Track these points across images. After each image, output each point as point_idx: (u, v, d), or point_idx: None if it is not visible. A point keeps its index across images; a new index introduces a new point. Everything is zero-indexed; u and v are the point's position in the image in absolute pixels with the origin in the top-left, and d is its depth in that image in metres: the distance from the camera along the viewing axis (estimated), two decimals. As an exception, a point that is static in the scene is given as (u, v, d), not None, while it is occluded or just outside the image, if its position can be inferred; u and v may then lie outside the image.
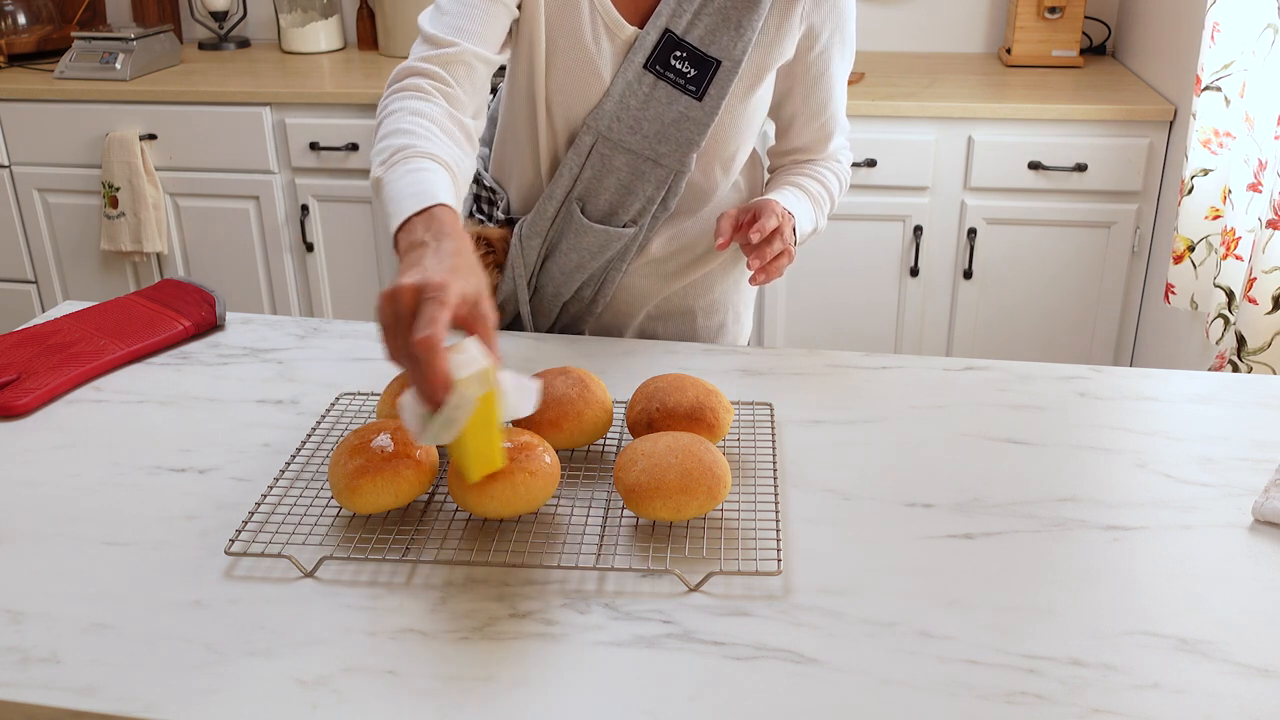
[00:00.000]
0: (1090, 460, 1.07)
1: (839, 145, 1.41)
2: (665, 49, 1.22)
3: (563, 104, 1.26)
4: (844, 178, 1.42)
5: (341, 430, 1.11)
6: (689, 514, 0.92)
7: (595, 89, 1.25)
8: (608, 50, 1.23)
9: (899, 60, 2.83)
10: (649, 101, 1.24)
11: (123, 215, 2.71)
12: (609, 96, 1.24)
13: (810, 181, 1.37)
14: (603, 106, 1.25)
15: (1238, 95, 1.95)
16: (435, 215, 0.96)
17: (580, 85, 1.25)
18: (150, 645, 0.82)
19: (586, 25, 1.22)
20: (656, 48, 1.23)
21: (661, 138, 1.25)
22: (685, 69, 1.23)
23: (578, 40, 1.22)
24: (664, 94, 1.24)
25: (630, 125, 1.25)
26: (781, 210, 1.25)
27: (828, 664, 0.80)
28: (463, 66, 1.15)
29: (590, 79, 1.24)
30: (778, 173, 1.42)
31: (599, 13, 1.22)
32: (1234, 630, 0.83)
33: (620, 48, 1.24)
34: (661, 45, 1.22)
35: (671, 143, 1.26)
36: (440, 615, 0.85)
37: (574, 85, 1.25)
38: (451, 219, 0.96)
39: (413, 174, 1.02)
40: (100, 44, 2.74)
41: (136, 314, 1.35)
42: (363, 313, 2.80)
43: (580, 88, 1.25)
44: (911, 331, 2.64)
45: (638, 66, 1.23)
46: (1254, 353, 1.79)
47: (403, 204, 0.98)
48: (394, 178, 1.02)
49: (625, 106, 1.24)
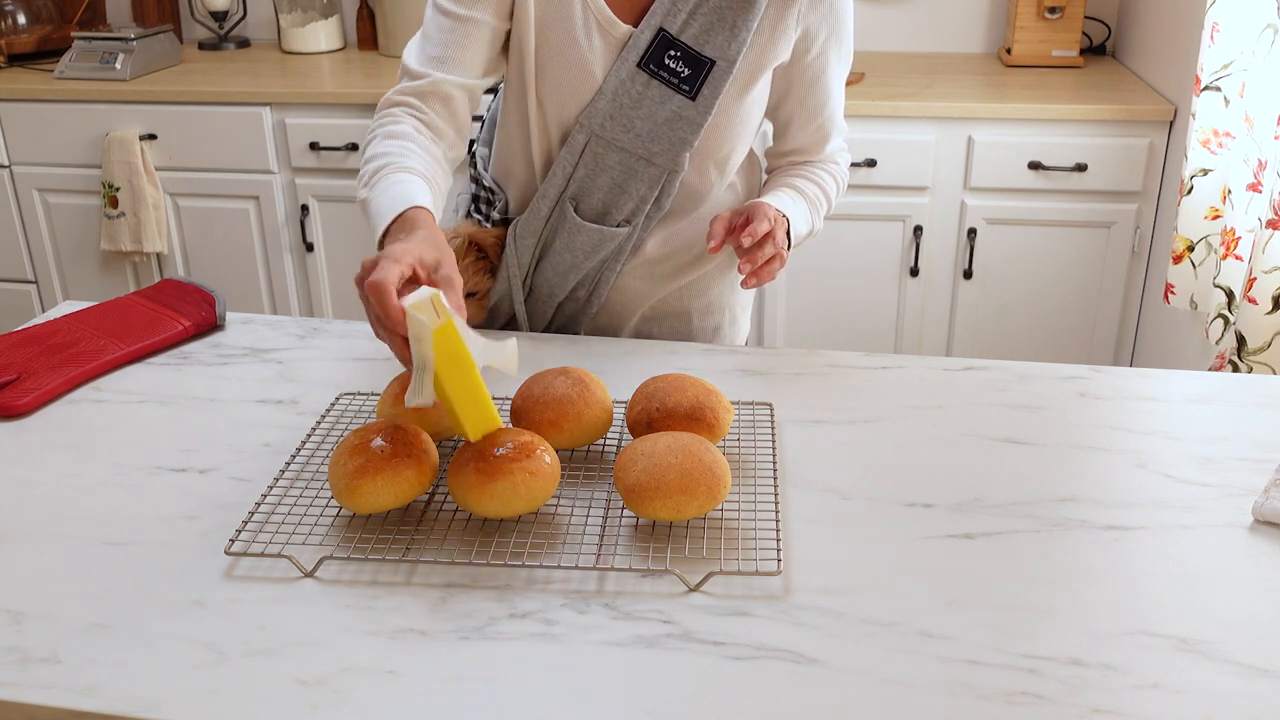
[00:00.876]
0: (1090, 460, 1.07)
1: (837, 147, 1.40)
2: (659, 48, 1.22)
3: (555, 103, 1.26)
4: (841, 179, 1.42)
5: (341, 430, 1.11)
6: (689, 514, 0.92)
7: (588, 87, 1.25)
8: (600, 48, 1.23)
9: (899, 60, 2.83)
10: (642, 100, 1.24)
11: (123, 215, 2.71)
12: (602, 95, 1.24)
13: (806, 184, 1.37)
14: (595, 105, 1.25)
15: (1237, 95, 1.95)
16: (408, 217, 1.07)
17: (573, 84, 1.25)
18: (150, 645, 0.82)
19: (579, 23, 1.22)
20: (650, 46, 1.22)
21: (654, 137, 1.25)
22: (679, 68, 1.22)
23: (569, 38, 1.22)
24: (657, 93, 1.24)
25: (623, 124, 1.25)
26: (774, 213, 1.25)
27: (828, 664, 0.80)
28: (436, 98, 1.23)
29: (583, 77, 1.24)
30: (775, 174, 1.42)
31: (591, 11, 1.22)
32: (1234, 630, 0.83)
33: (614, 46, 1.24)
34: (656, 44, 1.22)
35: (664, 142, 1.25)
36: (440, 615, 0.85)
37: (566, 84, 1.25)
38: (424, 218, 1.07)
39: (391, 188, 1.12)
40: (100, 44, 2.74)
41: (136, 314, 1.35)
42: (363, 313, 2.79)
43: (573, 86, 1.25)
44: (911, 331, 2.64)
45: (631, 65, 1.23)
46: (1254, 353, 1.79)
47: (383, 216, 1.09)
48: (374, 195, 1.12)
49: (618, 105, 1.24)
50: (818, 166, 1.40)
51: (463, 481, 0.92)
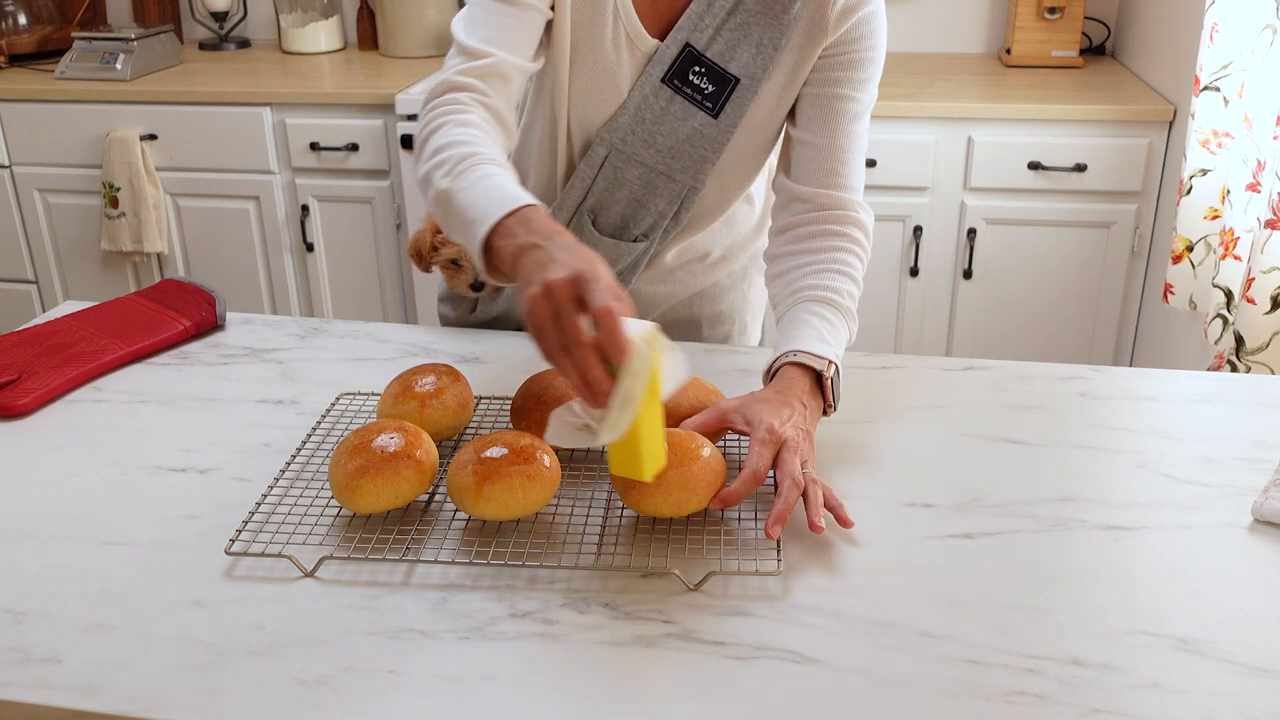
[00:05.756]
0: (1090, 460, 1.07)
1: (850, 200, 1.21)
2: (685, 63, 1.19)
3: (580, 113, 1.24)
4: (862, 256, 1.21)
5: (341, 430, 1.11)
6: (689, 509, 0.92)
7: (612, 100, 1.22)
8: (627, 62, 1.20)
9: (899, 60, 2.83)
10: (665, 116, 1.21)
11: (123, 215, 2.71)
12: (624, 109, 1.22)
13: (828, 309, 1.14)
14: (618, 119, 1.22)
15: (1236, 95, 1.95)
16: (530, 217, 0.95)
17: (598, 96, 1.22)
18: (150, 645, 0.82)
19: (609, 35, 1.19)
20: (676, 61, 1.19)
21: (675, 153, 1.23)
22: (703, 85, 1.19)
23: (599, 50, 1.20)
24: (680, 109, 1.21)
25: (644, 139, 1.22)
26: (791, 448, 0.99)
27: (828, 664, 0.80)
28: (499, 78, 1.13)
29: (609, 90, 1.22)
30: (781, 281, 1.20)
31: (622, 23, 1.19)
32: (1234, 630, 0.83)
33: (640, 60, 1.21)
34: (681, 59, 1.19)
35: (685, 159, 1.23)
36: (440, 615, 0.85)
37: (593, 96, 1.22)
38: (546, 218, 0.95)
39: (485, 180, 1.01)
40: (101, 44, 2.74)
41: (137, 314, 1.35)
42: (363, 312, 2.80)
43: (598, 99, 1.22)
44: (911, 331, 2.64)
45: (656, 80, 1.20)
46: (1253, 353, 1.79)
47: (487, 209, 0.97)
48: (464, 186, 1.01)
49: (640, 120, 1.22)
50: (831, 248, 1.19)
51: (461, 484, 0.92)
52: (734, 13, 1.17)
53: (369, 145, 2.60)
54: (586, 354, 0.84)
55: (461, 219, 1.00)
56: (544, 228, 0.93)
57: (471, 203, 0.99)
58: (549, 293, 0.85)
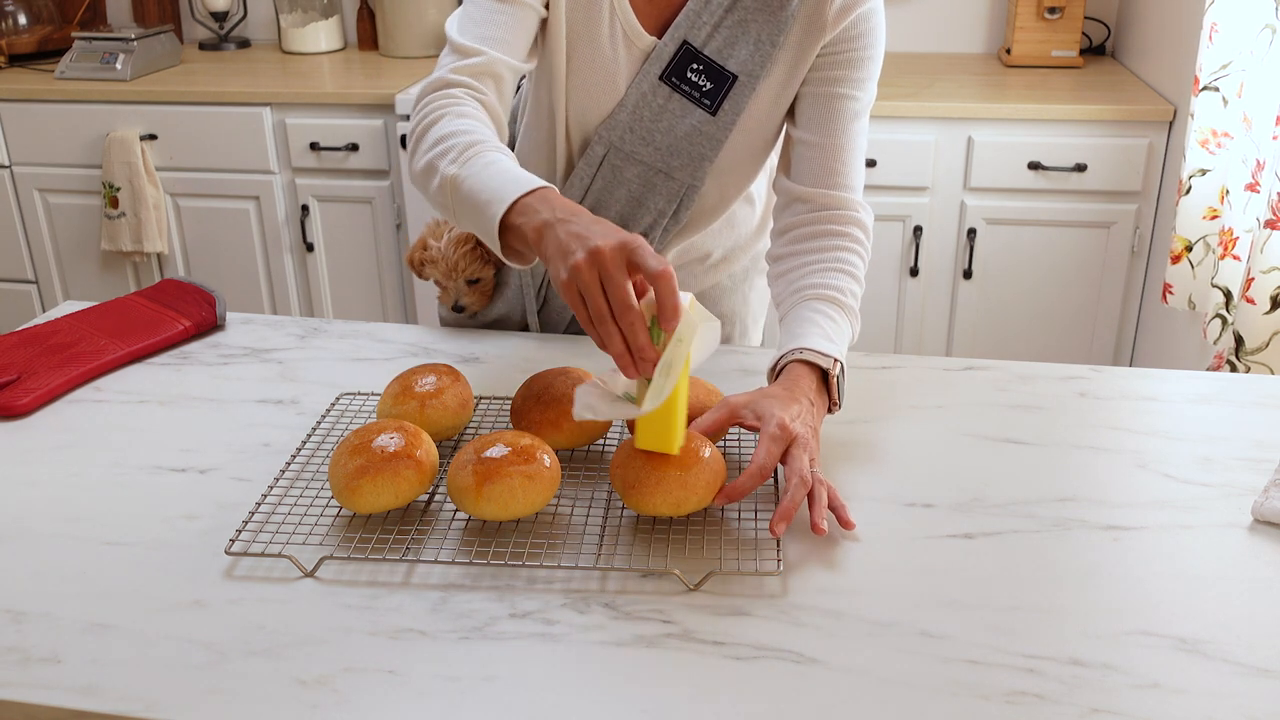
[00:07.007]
0: (1090, 460, 1.07)
1: (850, 200, 1.20)
2: (682, 60, 1.19)
3: (578, 112, 1.24)
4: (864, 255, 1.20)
5: (341, 430, 1.11)
6: (689, 509, 0.92)
7: (610, 99, 1.22)
8: (624, 59, 1.21)
9: (899, 60, 2.83)
10: (663, 114, 1.21)
11: (123, 215, 2.71)
12: (622, 107, 1.22)
13: (831, 307, 1.14)
14: (616, 117, 1.22)
15: (1236, 95, 1.95)
16: (549, 196, 0.97)
17: (596, 94, 1.22)
18: (150, 645, 0.82)
19: (605, 33, 1.19)
20: (673, 59, 1.19)
21: (674, 151, 1.23)
22: (701, 82, 1.19)
23: (596, 48, 1.20)
24: (678, 107, 1.21)
25: (643, 137, 1.22)
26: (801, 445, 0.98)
27: (828, 664, 0.80)
28: (491, 77, 1.15)
29: (606, 88, 1.22)
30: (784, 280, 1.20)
31: (619, 20, 1.19)
32: (1234, 630, 0.83)
33: (637, 57, 1.21)
34: (679, 57, 1.19)
35: (683, 156, 1.23)
36: (440, 615, 0.85)
37: (590, 94, 1.22)
38: (565, 198, 0.97)
39: (495, 165, 1.02)
40: (100, 44, 2.74)
41: (137, 314, 1.35)
42: (363, 313, 2.80)
43: (596, 97, 1.22)
44: (911, 331, 2.64)
45: (653, 78, 1.20)
46: (1252, 353, 1.79)
47: (503, 189, 0.98)
48: (474, 171, 1.02)
49: (639, 118, 1.22)
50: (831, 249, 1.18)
51: (461, 484, 0.92)
52: (732, 9, 1.17)
53: (369, 145, 2.60)
54: (635, 319, 0.85)
55: (473, 201, 1.00)
56: (566, 205, 0.95)
57: (484, 185, 1.00)
58: (595, 258, 0.86)
